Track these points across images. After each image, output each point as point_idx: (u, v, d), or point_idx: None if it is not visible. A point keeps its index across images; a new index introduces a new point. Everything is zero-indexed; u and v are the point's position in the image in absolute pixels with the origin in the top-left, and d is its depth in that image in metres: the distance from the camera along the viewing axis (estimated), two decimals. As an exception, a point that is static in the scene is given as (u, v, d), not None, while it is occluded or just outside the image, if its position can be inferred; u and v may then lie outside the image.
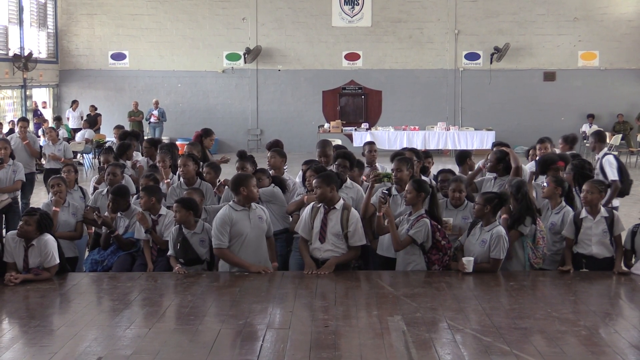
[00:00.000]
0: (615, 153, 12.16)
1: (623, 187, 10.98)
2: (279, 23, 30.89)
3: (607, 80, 30.72)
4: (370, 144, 11.51)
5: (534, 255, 8.40)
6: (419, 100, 30.87)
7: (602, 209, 8.40)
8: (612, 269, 8.21)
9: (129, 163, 12.39)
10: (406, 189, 8.41)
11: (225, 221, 8.21)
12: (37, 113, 28.90)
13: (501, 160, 9.72)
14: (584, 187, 8.47)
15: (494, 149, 10.25)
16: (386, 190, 8.84)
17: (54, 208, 9.40)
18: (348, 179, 9.45)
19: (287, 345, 6.02)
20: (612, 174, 10.89)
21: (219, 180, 10.25)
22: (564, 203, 8.82)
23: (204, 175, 10.32)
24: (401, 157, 9.35)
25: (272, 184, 9.58)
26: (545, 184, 8.94)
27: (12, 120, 23.79)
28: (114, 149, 12.63)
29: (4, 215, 12.53)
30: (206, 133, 13.30)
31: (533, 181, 9.74)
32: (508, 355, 5.81)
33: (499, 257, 8.06)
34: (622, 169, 11.16)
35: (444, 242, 8.28)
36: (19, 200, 13.06)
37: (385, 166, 10.77)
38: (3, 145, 12.76)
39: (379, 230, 8.55)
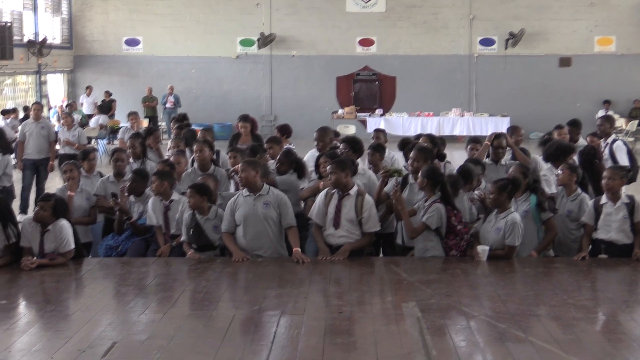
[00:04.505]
0: (626, 139, 12.04)
1: (632, 174, 10.90)
2: (293, 8, 30.79)
3: (623, 66, 30.48)
4: (377, 131, 11.63)
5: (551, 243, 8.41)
6: (434, 86, 30.73)
7: (623, 195, 8.33)
8: (630, 255, 8.14)
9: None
10: (419, 174, 8.41)
11: (230, 206, 8.47)
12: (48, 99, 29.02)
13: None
14: (605, 173, 8.41)
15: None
16: (400, 178, 8.82)
17: (68, 192, 9.42)
18: (360, 164, 9.46)
19: (301, 331, 6.02)
20: (623, 160, 10.83)
21: (232, 169, 10.22)
22: (579, 190, 8.77)
23: (230, 160, 10.34)
24: (420, 147, 9.29)
25: (293, 170, 9.61)
26: (559, 171, 8.87)
27: (26, 106, 23.84)
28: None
29: None
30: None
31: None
32: (523, 341, 5.79)
33: (514, 244, 8.03)
34: (631, 155, 11.10)
35: (460, 226, 8.23)
36: (4, 190, 12.75)
37: (394, 154, 10.74)
38: None
39: (399, 217, 8.53)
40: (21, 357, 5.51)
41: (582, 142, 11.81)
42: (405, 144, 10.41)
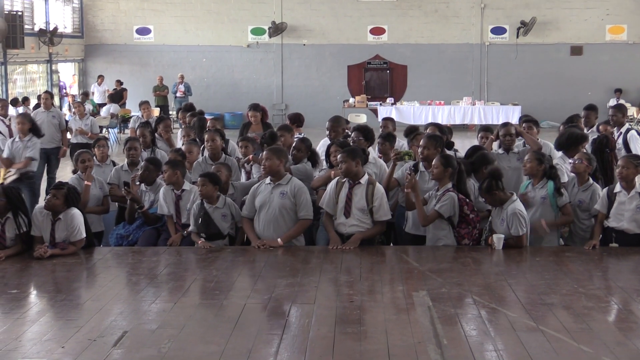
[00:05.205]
0: (637, 127, 12.01)
1: None
2: (304, -3, 30.80)
3: (635, 55, 30.38)
4: (386, 120, 11.64)
5: (562, 226, 8.35)
6: (445, 75, 30.68)
7: (637, 185, 8.28)
8: (641, 245, 8.13)
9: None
10: (433, 163, 8.35)
11: (252, 191, 8.53)
12: (62, 89, 29.08)
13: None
14: (620, 162, 8.37)
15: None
16: (412, 166, 8.80)
17: (85, 182, 9.42)
18: (371, 153, 9.44)
19: (312, 320, 6.02)
20: (638, 150, 10.80)
21: (246, 158, 10.21)
22: (591, 180, 8.73)
23: (241, 149, 10.34)
24: (430, 134, 9.28)
25: (307, 159, 9.61)
26: (577, 161, 8.77)
27: (39, 95, 23.90)
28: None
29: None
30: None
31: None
32: (534, 331, 5.78)
33: (518, 233, 7.99)
34: None
35: (472, 215, 8.22)
36: (34, 175, 12.94)
37: (404, 142, 10.73)
38: (22, 120, 12.78)
39: (408, 206, 8.51)
40: (32, 347, 5.52)
41: (593, 130, 11.79)
42: (411, 132, 10.39)
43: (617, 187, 8.26)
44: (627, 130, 11.31)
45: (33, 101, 23.45)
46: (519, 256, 7.88)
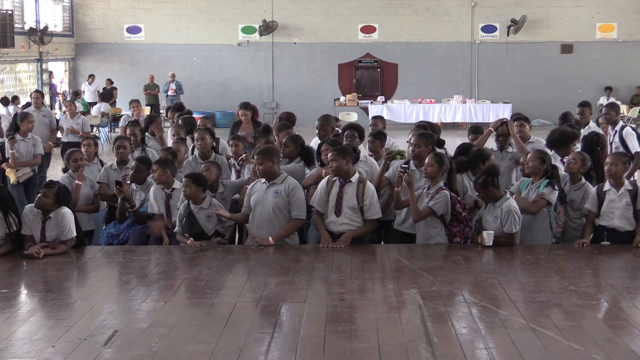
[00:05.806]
0: (634, 125, 12.08)
1: None
2: (295, -5, 30.77)
3: (625, 53, 30.44)
4: (375, 118, 11.62)
5: (556, 225, 8.36)
6: (435, 73, 30.68)
7: (626, 182, 8.30)
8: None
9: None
10: (427, 162, 8.35)
11: (249, 189, 8.56)
12: (53, 87, 29.01)
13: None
14: (608, 159, 8.38)
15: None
16: (405, 164, 8.79)
17: (76, 182, 9.40)
18: (362, 151, 9.44)
19: (302, 319, 6.02)
20: (635, 146, 10.81)
21: (241, 156, 10.18)
22: (583, 180, 8.73)
23: (231, 148, 10.32)
24: (421, 132, 9.27)
25: (299, 157, 9.57)
26: (572, 160, 8.76)
27: (31, 94, 23.84)
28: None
29: (23, 188, 12.57)
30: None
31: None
32: (525, 329, 5.78)
33: (512, 231, 8.00)
34: None
35: (465, 213, 8.23)
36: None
37: (395, 140, 10.72)
38: (32, 119, 12.86)
39: (397, 205, 8.52)
40: (22, 346, 5.51)
41: (592, 124, 11.85)
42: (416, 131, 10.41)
43: (607, 186, 8.27)
44: (622, 128, 11.34)
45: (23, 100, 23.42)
46: (510, 254, 7.89)
